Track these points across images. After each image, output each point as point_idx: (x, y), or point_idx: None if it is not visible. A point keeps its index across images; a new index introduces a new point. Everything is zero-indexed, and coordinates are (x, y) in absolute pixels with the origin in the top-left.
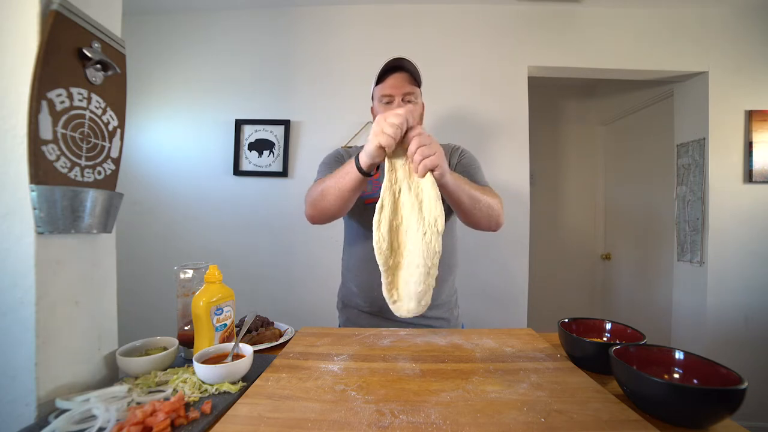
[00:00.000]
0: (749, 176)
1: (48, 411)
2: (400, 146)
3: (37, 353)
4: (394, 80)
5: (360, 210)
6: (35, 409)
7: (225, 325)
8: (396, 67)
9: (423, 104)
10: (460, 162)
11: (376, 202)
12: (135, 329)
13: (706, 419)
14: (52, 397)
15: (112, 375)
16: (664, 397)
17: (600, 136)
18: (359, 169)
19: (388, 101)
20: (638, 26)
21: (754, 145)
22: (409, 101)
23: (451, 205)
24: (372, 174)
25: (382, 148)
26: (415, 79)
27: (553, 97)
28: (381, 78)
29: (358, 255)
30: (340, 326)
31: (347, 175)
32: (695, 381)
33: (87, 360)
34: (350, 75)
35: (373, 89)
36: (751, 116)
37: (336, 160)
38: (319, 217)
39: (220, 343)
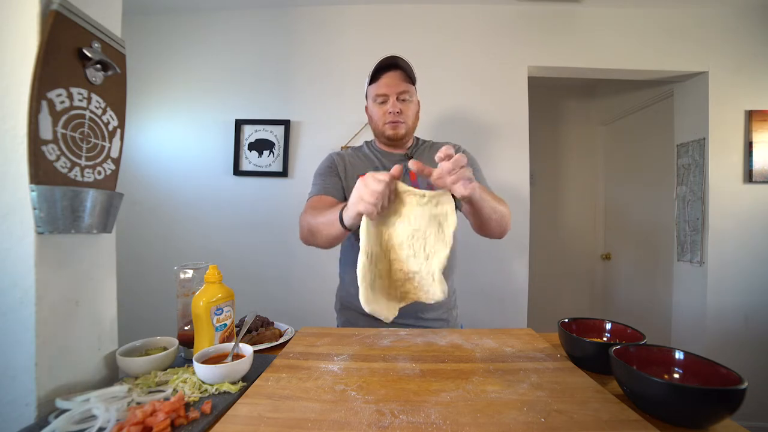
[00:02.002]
0: (749, 176)
1: (48, 411)
2: (386, 211)
3: (37, 353)
4: (389, 79)
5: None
6: (35, 409)
7: (225, 325)
8: (390, 65)
9: (418, 101)
10: None
11: None
12: (135, 329)
13: (706, 419)
14: (52, 397)
15: (112, 375)
16: (664, 397)
17: (600, 136)
18: (343, 225)
19: (383, 101)
20: (638, 26)
21: (754, 145)
22: (404, 100)
23: (468, 216)
24: (353, 230)
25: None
26: (410, 77)
27: (553, 97)
28: (375, 77)
29: (357, 260)
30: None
31: (333, 226)
32: (695, 381)
33: (87, 360)
34: (350, 75)
35: (367, 88)
36: (751, 116)
37: (329, 170)
38: (313, 246)
39: (220, 343)
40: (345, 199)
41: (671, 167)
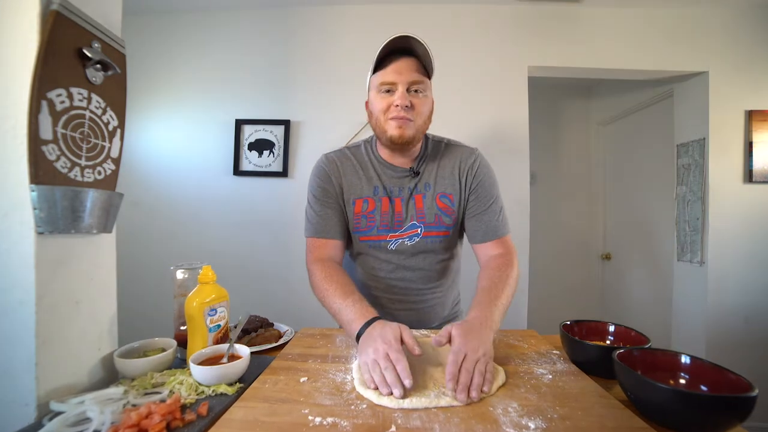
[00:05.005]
0: (749, 176)
1: (48, 411)
2: None
3: (37, 353)
4: (399, 65)
5: (355, 243)
6: (35, 409)
7: (219, 326)
8: (402, 49)
9: (433, 100)
10: (475, 190)
11: (370, 241)
12: (135, 329)
13: (714, 428)
14: (52, 397)
15: (112, 375)
16: (672, 404)
17: (600, 136)
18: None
19: (389, 89)
20: (638, 26)
21: (754, 145)
22: (416, 91)
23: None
24: None
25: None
26: (426, 69)
27: (553, 97)
28: (381, 62)
29: (354, 275)
30: None
31: (343, 323)
32: (703, 387)
33: (87, 360)
34: (350, 75)
35: (370, 78)
36: (751, 116)
37: (323, 192)
38: None
39: (213, 344)
40: (346, 227)
41: (671, 167)
